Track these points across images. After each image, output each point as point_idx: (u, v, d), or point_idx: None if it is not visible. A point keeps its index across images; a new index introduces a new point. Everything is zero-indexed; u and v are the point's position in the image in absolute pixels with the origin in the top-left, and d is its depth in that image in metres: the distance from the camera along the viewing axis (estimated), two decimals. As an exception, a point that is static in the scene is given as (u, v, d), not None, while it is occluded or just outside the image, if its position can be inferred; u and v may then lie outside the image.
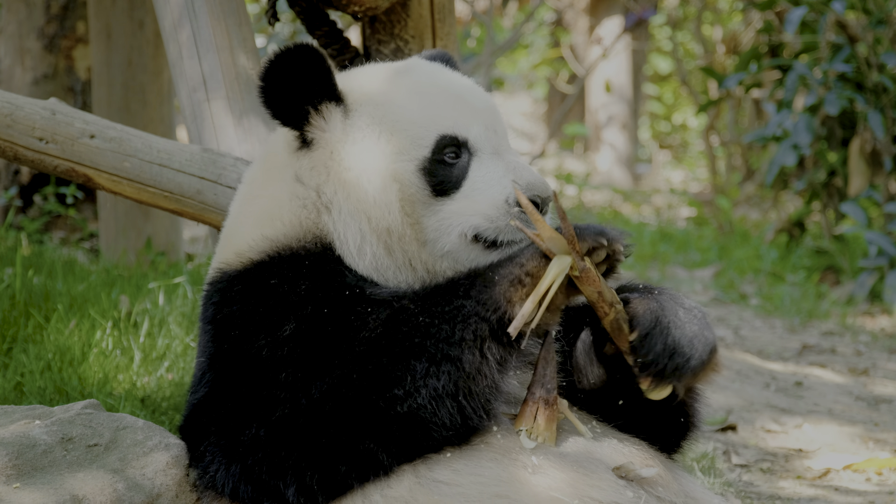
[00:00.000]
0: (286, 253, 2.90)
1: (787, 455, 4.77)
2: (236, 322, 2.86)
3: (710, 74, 11.44)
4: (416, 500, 2.65)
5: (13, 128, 3.71)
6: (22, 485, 2.90)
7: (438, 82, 2.99)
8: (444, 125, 2.90)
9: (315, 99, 2.92)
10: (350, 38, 4.39)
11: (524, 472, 2.65)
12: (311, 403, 2.68)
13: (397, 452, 2.66)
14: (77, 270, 5.90)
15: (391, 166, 2.87)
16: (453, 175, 2.88)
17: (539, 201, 2.82)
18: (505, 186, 2.85)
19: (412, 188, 2.86)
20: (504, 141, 2.96)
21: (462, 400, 2.63)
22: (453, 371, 2.62)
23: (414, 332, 2.64)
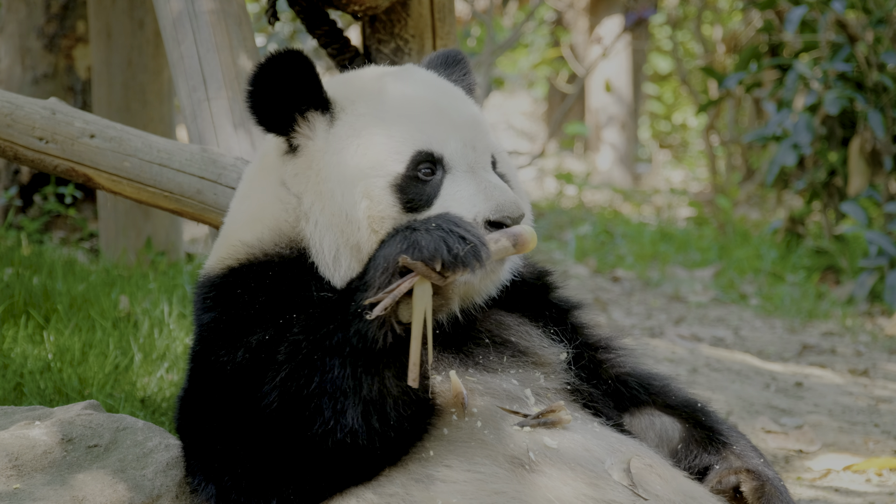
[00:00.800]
0: (259, 261, 2.90)
1: (787, 456, 4.77)
2: (208, 329, 2.89)
3: (710, 74, 11.43)
4: (411, 496, 2.64)
5: (13, 127, 3.71)
6: (22, 485, 2.90)
7: (422, 95, 2.95)
8: (421, 140, 2.86)
9: (301, 106, 2.91)
10: (350, 38, 4.39)
11: (521, 470, 2.65)
12: (261, 423, 2.69)
13: (340, 480, 2.68)
14: (77, 270, 5.89)
15: (363, 182, 2.84)
16: (425, 192, 2.84)
17: (509, 222, 2.79)
18: (474, 205, 2.81)
19: (381, 205, 2.82)
20: (483, 157, 2.91)
21: (376, 424, 2.64)
22: (355, 403, 2.63)
23: (312, 371, 2.65)
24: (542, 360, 2.96)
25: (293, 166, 2.94)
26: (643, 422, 3.10)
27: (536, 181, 16.77)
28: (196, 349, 2.91)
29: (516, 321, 3.02)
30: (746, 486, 2.95)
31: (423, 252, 2.56)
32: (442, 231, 2.59)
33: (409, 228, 2.63)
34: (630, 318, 8.04)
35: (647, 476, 2.74)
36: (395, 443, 2.66)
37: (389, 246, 2.62)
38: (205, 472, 2.81)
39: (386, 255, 2.60)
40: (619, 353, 3.16)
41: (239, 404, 2.73)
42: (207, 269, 2.99)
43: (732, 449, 3.04)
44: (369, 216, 2.82)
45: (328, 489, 2.68)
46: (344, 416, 2.61)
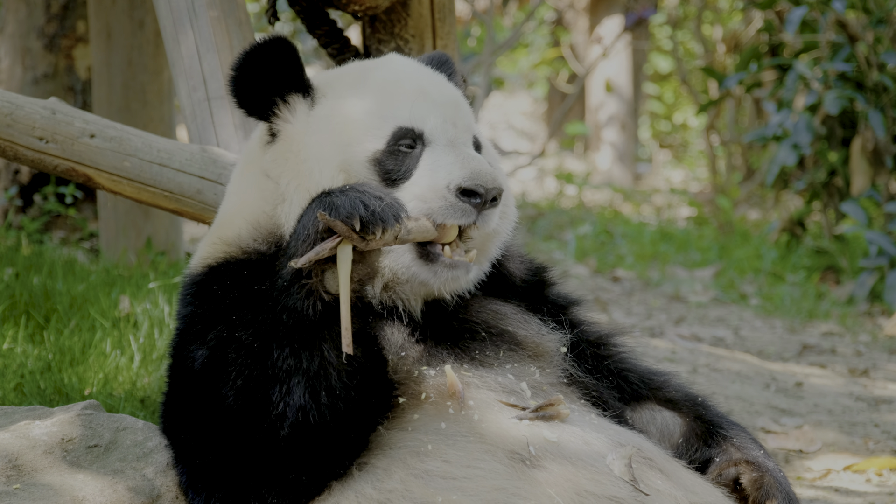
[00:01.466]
0: (236, 259, 2.91)
1: (788, 456, 4.76)
2: (182, 327, 2.91)
3: (711, 74, 11.43)
4: (410, 491, 2.64)
5: (13, 127, 3.71)
6: (22, 486, 2.90)
7: (402, 76, 2.98)
8: (401, 117, 2.89)
9: (283, 90, 2.94)
10: (350, 38, 4.39)
11: (521, 465, 2.64)
12: (226, 423, 2.71)
13: (311, 469, 2.69)
14: (77, 270, 5.89)
15: (341, 156, 2.86)
16: (404, 165, 2.86)
17: (482, 191, 2.78)
18: (449, 173, 2.81)
19: (359, 179, 2.84)
20: (464, 135, 2.92)
21: (325, 398, 2.65)
22: (300, 381, 2.64)
23: (255, 361, 2.67)
24: (540, 351, 2.96)
25: (272, 152, 2.96)
26: (644, 416, 3.10)
27: (536, 181, 16.77)
28: (172, 347, 2.95)
29: (513, 310, 3.02)
30: (746, 478, 2.96)
31: (341, 210, 2.59)
32: (357, 192, 2.62)
33: (324, 194, 2.66)
34: (630, 318, 8.04)
35: (647, 470, 2.74)
36: (349, 415, 2.66)
37: (307, 213, 2.65)
38: (188, 477, 2.82)
39: (304, 222, 2.64)
40: (619, 348, 3.16)
41: (204, 405, 2.75)
42: (191, 267, 3.02)
43: (733, 441, 3.04)
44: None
45: (306, 485, 2.68)
46: (291, 396, 2.63)
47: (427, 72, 3.05)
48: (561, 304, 3.14)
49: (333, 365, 2.65)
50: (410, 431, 2.72)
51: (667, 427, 3.09)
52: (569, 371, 2.97)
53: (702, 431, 3.08)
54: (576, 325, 3.10)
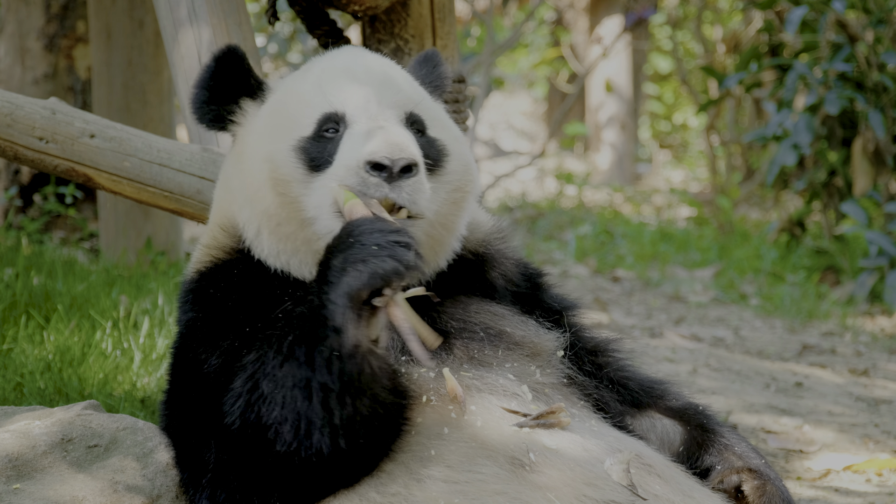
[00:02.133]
0: (222, 261, 2.95)
1: (787, 456, 4.76)
2: (184, 332, 2.93)
3: (711, 74, 11.43)
4: (413, 496, 2.64)
5: (13, 127, 3.71)
6: (22, 485, 2.90)
7: (338, 64, 2.98)
8: (327, 102, 2.89)
9: (235, 97, 2.99)
10: (350, 38, 4.39)
11: (522, 470, 2.65)
12: (228, 437, 2.70)
13: (314, 492, 2.66)
14: (77, 270, 5.90)
15: (266, 148, 2.88)
16: (326, 150, 2.84)
17: (388, 162, 2.72)
18: (358, 150, 2.77)
19: (285, 167, 2.84)
20: (387, 112, 2.88)
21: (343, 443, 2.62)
22: (322, 429, 2.61)
23: (272, 404, 2.62)
24: (538, 350, 2.95)
25: (230, 156, 3.03)
26: (644, 424, 3.10)
27: (536, 181, 16.77)
28: (174, 348, 2.96)
29: (510, 311, 3.02)
30: (748, 486, 2.96)
31: (387, 278, 2.51)
32: (383, 248, 2.54)
33: (345, 251, 2.56)
34: (630, 318, 8.04)
35: (646, 475, 2.74)
36: (366, 452, 2.65)
37: (345, 280, 2.53)
38: (190, 478, 2.82)
39: (347, 293, 2.52)
40: (619, 356, 3.16)
41: (206, 414, 2.74)
42: (188, 270, 3.05)
43: (734, 450, 3.05)
44: (272, 178, 2.84)
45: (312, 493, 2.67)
46: (309, 440, 2.60)
47: (366, 57, 3.04)
48: (557, 308, 3.14)
49: (362, 414, 2.61)
50: (414, 435, 2.72)
51: (667, 435, 3.10)
52: (567, 372, 2.97)
53: (703, 440, 3.08)
54: (573, 329, 3.10)
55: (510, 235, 3.22)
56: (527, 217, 13.51)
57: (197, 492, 2.78)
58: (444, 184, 2.93)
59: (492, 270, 3.10)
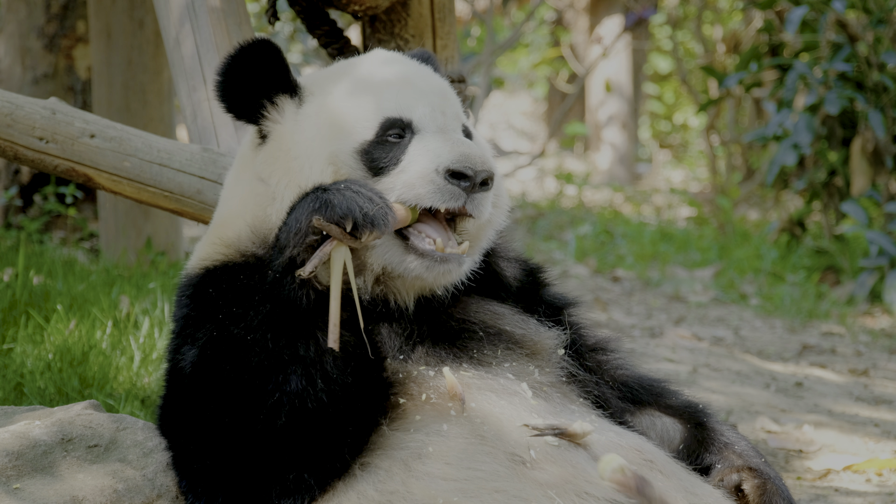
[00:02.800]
0: (235, 262, 2.91)
1: (788, 456, 4.76)
2: (178, 328, 2.92)
3: (711, 74, 11.43)
4: (411, 493, 2.64)
5: (13, 127, 3.71)
6: (22, 485, 2.90)
7: (388, 68, 2.98)
8: (389, 108, 2.88)
9: (270, 92, 2.95)
10: (350, 38, 4.39)
11: (522, 467, 2.65)
12: (221, 422, 2.71)
13: (312, 468, 2.68)
14: (77, 270, 5.90)
15: (329, 149, 2.86)
16: (392, 153, 2.84)
17: (471, 173, 2.76)
18: (438, 156, 2.80)
19: (346, 169, 2.84)
20: (453, 122, 2.92)
21: (320, 382, 2.65)
22: (295, 368, 2.66)
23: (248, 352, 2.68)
24: (537, 349, 2.95)
25: (263, 154, 2.97)
26: (644, 422, 3.10)
27: (536, 181, 16.77)
28: (168, 349, 2.95)
29: (510, 310, 3.02)
30: (748, 484, 2.96)
31: (336, 211, 2.60)
32: (351, 192, 2.63)
33: (318, 189, 2.66)
34: (630, 318, 8.04)
35: (648, 471, 2.74)
36: (346, 404, 2.66)
37: (301, 207, 2.65)
38: (188, 481, 2.82)
39: (298, 217, 2.64)
40: (619, 354, 3.16)
41: (199, 404, 2.74)
42: (188, 268, 3.01)
43: (734, 449, 3.05)
44: (335, 180, 2.81)
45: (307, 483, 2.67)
46: (288, 384, 2.63)
47: (412, 63, 3.05)
48: (557, 305, 3.14)
49: (328, 352, 2.65)
50: (412, 433, 2.72)
51: (667, 433, 3.10)
52: (568, 369, 2.97)
53: (703, 438, 3.08)
54: (573, 327, 3.10)
55: (510, 233, 3.22)
56: (527, 217, 13.51)
57: (193, 491, 2.78)
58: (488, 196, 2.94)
59: (493, 267, 3.10)
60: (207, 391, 2.72)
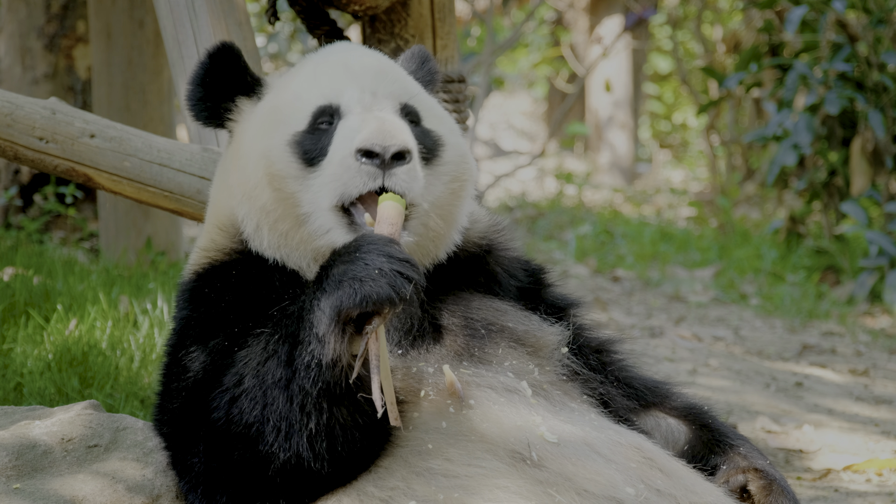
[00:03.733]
0: (221, 261, 2.94)
1: (788, 456, 4.76)
2: (178, 330, 2.93)
3: (711, 74, 11.43)
4: (412, 489, 2.63)
5: (13, 127, 3.71)
6: (22, 485, 2.90)
7: (332, 58, 2.98)
8: (321, 95, 2.88)
9: (232, 95, 2.99)
10: (350, 38, 4.39)
11: (522, 464, 2.65)
12: (214, 434, 2.70)
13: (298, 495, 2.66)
14: (77, 270, 5.89)
15: (262, 143, 2.87)
16: (321, 142, 2.83)
17: (378, 149, 2.71)
18: (351, 138, 2.76)
19: (280, 163, 2.83)
20: (382, 102, 2.87)
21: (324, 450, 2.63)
22: (301, 433, 2.62)
23: (254, 403, 2.65)
24: (540, 345, 2.95)
25: (227, 154, 3.02)
26: (649, 423, 3.10)
27: (536, 181, 16.77)
28: (169, 346, 2.95)
29: (512, 306, 3.02)
30: (754, 485, 2.97)
31: (380, 304, 2.53)
32: (384, 275, 2.55)
33: (347, 264, 2.58)
34: (630, 318, 8.04)
35: (648, 470, 2.74)
36: (347, 461, 2.65)
37: (338, 294, 2.55)
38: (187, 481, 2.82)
39: (337, 307, 2.54)
40: (622, 355, 3.16)
41: (205, 411, 2.74)
42: (186, 270, 3.05)
43: (738, 450, 3.05)
44: (268, 174, 2.83)
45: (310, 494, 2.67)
46: (288, 442, 2.61)
47: (358, 49, 3.05)
48: (559, 305, 3.14)
49: (341, 423, 2.62)
50: (411, 430, 2.71)
51: (671, 434, 3.10)
52: (571, 367, 2.97)
53: (707, 439, 3.08)
54: (576, 327, 3.09)
55: (509, 230, 3.22)
56: (527, 217, 13.51)
57: (192, 492, 2.78)
58: (441, 174, 2.91)
59: (492, 263, 3.10)
60: (215, 400, 2.71)
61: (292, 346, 2.60)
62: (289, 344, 2.61)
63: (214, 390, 2.70)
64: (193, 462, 2.75)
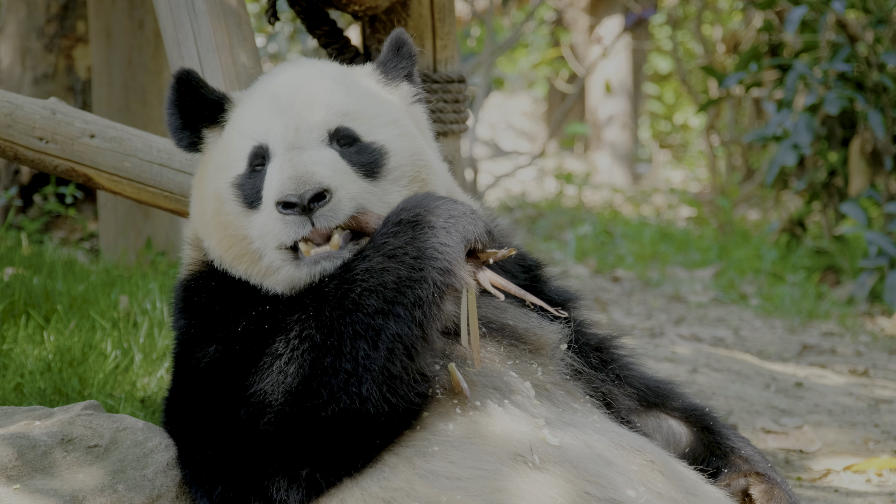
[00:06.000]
0: (198, 273, 3.00)
1: (788, 456, 4.77)
2: (182, 334, 2.95)
3: (711, 74, 11.43)
4: (415, 490, 2.64)
5: (13, 127, 3.71)
6: (22, 486, 2.90)
7: (272, 89, 2.98)
8: (254, 135, 2.91)
9: (198, 123, 3.03)
10: (350, 38, 4.39)
11: (525, 467, 2.65)
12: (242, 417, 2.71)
13: (328, 466, 2.66)
14: (77, 270, 5.89)
15: (213, 184, 2.93)
16: (256, 185, 2.87)
17: (294, 199, 2.75)
18: (270, 189, 2.81)
19: (228, 204, 2.89)
20: (305, 136, 2.88)
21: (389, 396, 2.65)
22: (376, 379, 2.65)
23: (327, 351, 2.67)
24: (541, 343, 2.95)
25: (196, 177, 3.09)
26: (650, 423, 3.10)
27: (536, 181, 16.77)
28: (173, 354, 2.99)
29: (512, 304, 3.02)
30: (756, 489, 2.97)
31: (491, 235, 2.69)
32: (474, 217, 2.70)
33: (442, 209, 2.69)
34: (630, 318, 8.04)
35: (649, 473, 2.74)
36: (402, 416, 2.67)
37: (460, 225, 2.67)
38: (192, 472, 2.82)
39: (464, 236, 2.67)
40: (623, 353, 3.16)
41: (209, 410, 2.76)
42: (177, 281, 3.11)
43: (740, 454, 3.05)
44: (216, 214, 2.90)
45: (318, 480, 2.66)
46: (358, 387, 2.62)
47: (300, 74, 3.04)
48: (557, 301, 3.13)
49: (412, 372, 2.66)
50: (419, 430, 2.72)
51: (673, 436, 3.10)
52: (573, 366, 2.97)
53: (709, 442, 3.08)
54: (575, 323, 3.09)
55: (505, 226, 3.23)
56: (527, 217, 13.51)
57: (200, 488, 2.79)
58: (396, 180, 2.93)
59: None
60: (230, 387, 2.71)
61: (394, 291, 2.63)
62: (382, 293, 2.63)
63: (247, 369, 2.71)
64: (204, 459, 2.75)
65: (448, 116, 4.39)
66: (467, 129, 4.49)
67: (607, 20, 16.95)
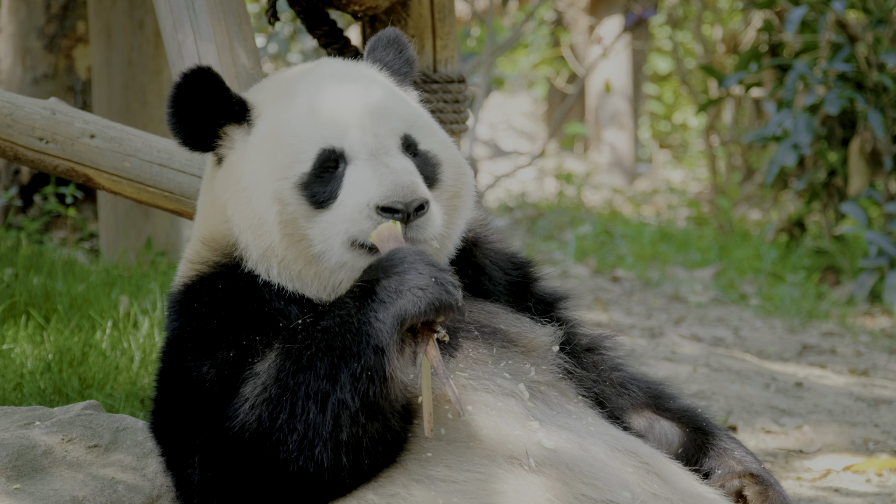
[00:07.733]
0: (208, 274, 2.94)
1: (787, 456, 4.77)
2: (175, 340, 2.93)
3: (711, 74, 11.43)
4: (412, 496, 2.64)
5: (13, 127, 3.71)
6: (22, 486, 2.90)
7: (326, 91, 2.95)
8: (323, 137, 2.87)
9: (218, 120, 2.95)
10: (350, 38, 4.39)
11: (521, 469, 2.65)
12: (222, 440, 2.70)
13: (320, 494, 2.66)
14: (77, 270, 5.89)
15: (272, 185, 2.86)
16: (329, 186, 2.84)
17: (401, 206, 2.76)
18: (368, 191, 2.79)
19: (291, 206, 2.85)
20: (386, 142, 2.88)
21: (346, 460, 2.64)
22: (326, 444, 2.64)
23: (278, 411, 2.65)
24: (533, 346, 2.95)
25: (219, 176, 2.99)
26: (642, 424, 3.10)
27: (536, 181, 16.76)
28: (163, 357, 2.96)
29: (503, 308, 3.02)
30: (750, 490, 2.97)
31: (444, 310, 2.60)
32: (439, 282, 2.62)
33: (399, 275, 2.63)
34: (630, 318, 8.04)
35: (644, 474, 2.74)
36: (364, 472, 2.67)
37: (399, 303, 2.61)
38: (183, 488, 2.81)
39: (400, 316, 2.60)
40: (614, 353, 3.16)
41: (198, 421, 2.74)
42: (175, 281, 3.05)
43: (733, 455, 3.05)
44: (280, 220, 2.84)
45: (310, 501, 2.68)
46: (311, 451, 2.62)
47: (351, 76, 3.01)
48: (548, 300, 3.13)
49: (369, 436, 2.65)
50: (411, 437, 2.72)
51: (665, 436, 3.10)
52: (564, 366, 2.97)
53: (702, 443, 3.08)
54: (565, 324, 3.09)
55: (495, 223, 3.22)
56: (527, 217, 13.52)
57: (187, 496, 2.78)
58: (441, 194, 2.93)
59: (479, 256, 3.09)
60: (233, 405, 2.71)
61: (336, 359, 2.61)
62: (329, 358, 2.62)
63: (228, 399, 2.70)
64: (193, 469, 2.75)
65: (448, 116, 4.39)
66: (467, 129, 4.49)
67: (607, 20, 16.94)
